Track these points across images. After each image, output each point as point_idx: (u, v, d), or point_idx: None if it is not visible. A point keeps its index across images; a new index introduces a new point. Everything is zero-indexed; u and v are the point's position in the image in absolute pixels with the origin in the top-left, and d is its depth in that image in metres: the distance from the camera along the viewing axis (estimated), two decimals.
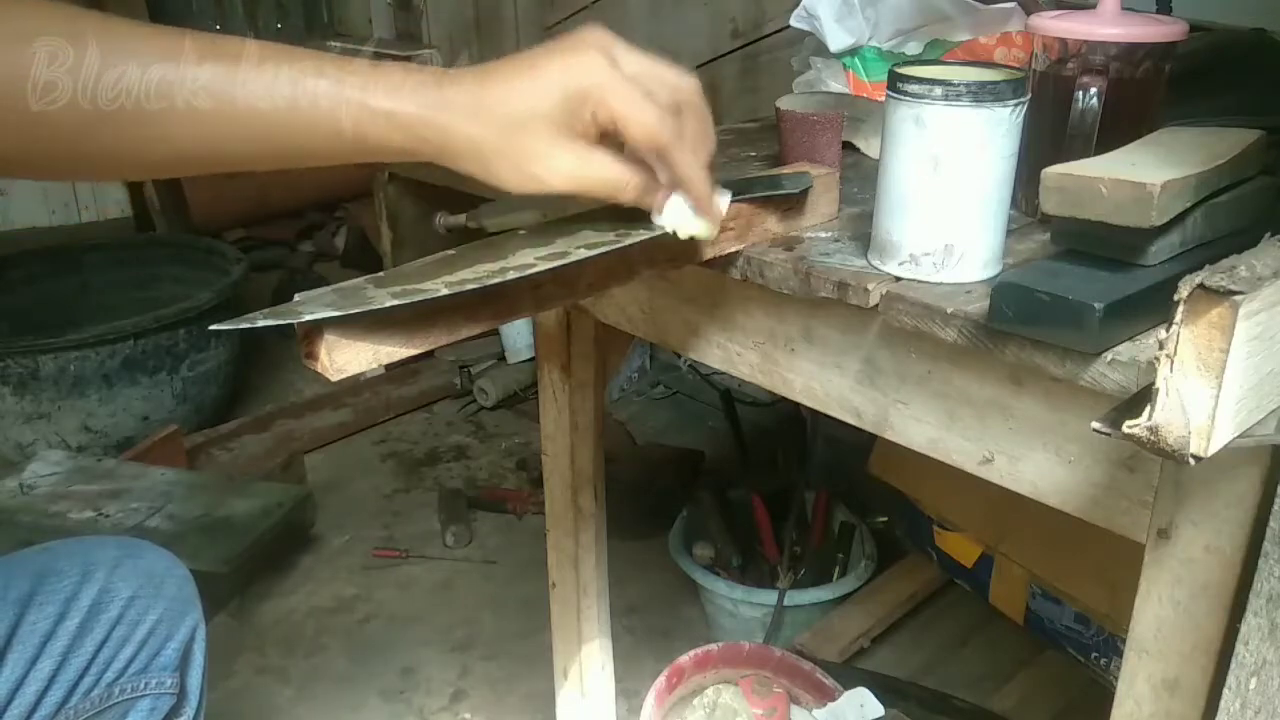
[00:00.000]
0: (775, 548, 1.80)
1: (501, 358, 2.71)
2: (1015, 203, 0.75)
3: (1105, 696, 0.69)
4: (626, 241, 0.65)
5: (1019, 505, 0.71)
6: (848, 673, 1.51)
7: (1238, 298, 0.46)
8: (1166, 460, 0.50)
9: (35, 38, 0.50)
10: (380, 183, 2.61)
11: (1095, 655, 1.38)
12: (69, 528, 1.80)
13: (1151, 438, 0.48)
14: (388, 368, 2.52)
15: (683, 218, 0.64)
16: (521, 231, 0.67)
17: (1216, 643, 0.61)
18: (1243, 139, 0.68)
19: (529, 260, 0.61)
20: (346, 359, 0.57)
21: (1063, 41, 0.77)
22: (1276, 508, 0.55)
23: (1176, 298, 0.47)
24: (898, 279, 0.70)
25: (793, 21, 1.19)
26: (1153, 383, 0.48)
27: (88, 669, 0.89)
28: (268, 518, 1.88)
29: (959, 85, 0.64)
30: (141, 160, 0.56)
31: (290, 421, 2.43)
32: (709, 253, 0.75)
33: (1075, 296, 0.56)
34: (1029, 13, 1.03)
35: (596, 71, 0.57)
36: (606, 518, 1.26)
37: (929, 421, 0.73)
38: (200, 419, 2.40)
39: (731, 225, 0.75)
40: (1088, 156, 0.68)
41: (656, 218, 0.64)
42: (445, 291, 0.57)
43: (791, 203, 0.79)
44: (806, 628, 1.67)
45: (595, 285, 0.71)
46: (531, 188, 0.59)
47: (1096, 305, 0.56)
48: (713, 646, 1.45)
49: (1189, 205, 0.61)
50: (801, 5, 1.16)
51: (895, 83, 0.67)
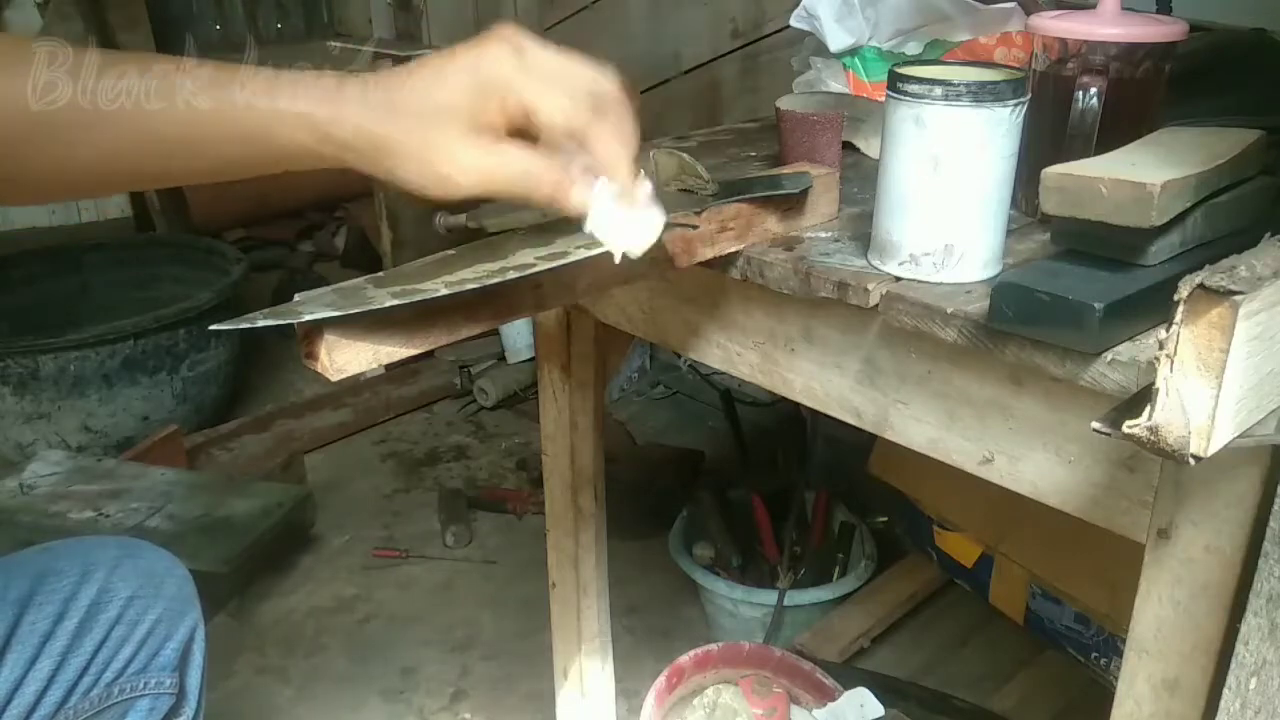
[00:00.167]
0: (775, 548, 1.80)
1: (501, 358, 2.71)
2: (1015, 203, 0.75)
3: (1105, 696, 0.69)
4: None
5: (1019, 505, 0.71)
6: (848, 673, 1.51)
7: (1238, 298, 0.46)
8: (1166, 460, 0.50)
9: None
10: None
11: (1095, 655, 1.38)
12: (69, 528, 1.80)
13: (1151, 438, 0.48)
14: (388, 368, 2.52)
15: (610, 222, 0.59)
16: (521, 231, 0.67)
17: (1216, 643, 0.61)
18: (1243, 139, 0.68)
19: (529, 260, 0.61)
20: (346, 359, 0.57)
21: (1063, 41, 0.77)
22: (1276, 508, 0.55)
23: (1176, 298, 0.47)
24: (898, 279, 0.70)
25: (793, 21, 1.19)
26: (1153, 383, 0.48)
27: (87, 669, 0.90)
28: (268, 518, 1.88)
29: (959, 85, 0.64)
30: (62, 172, 0.55)
31: (290, 421, 2.43)
32: (709, 253, 0.75)
33: (1075, 296, 0.56)
34: (1029, 13, 1.03)
35: (504, 62, 0.55)
36: (606, 518, 1.26)
37: (929, 421, 0.73)
38: (200, 419, 2.40)
39: (731, 225, 0.75)
40: (1088, 156, 0.68)
41: (586, 225, 0.60)
42: (445, 291, 0.57)
43: (791, 203, 0.79)
44: (806, 628, 1.67)
45: (595, 285, 0.71)
46: (440, 191, 0.56)
47: (1096, 305, 0.56)
48: (713, 646, 1.45)
49: (1189, 205, 0.61)
50: (801, 5, 1.17)
51: (895, 83, 0.67)
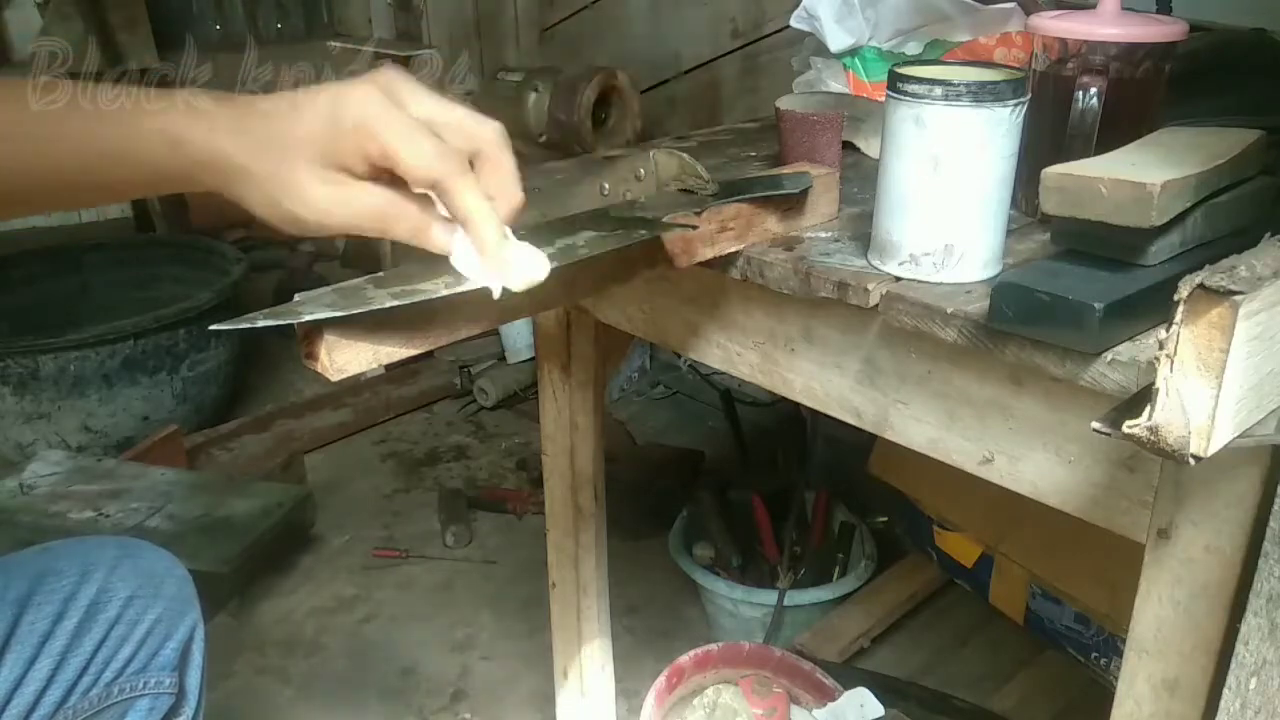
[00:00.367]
0: (775, 548, 1.80)
1: (501, 358, 2.71)
2: (1015, 203, 0.75)
3: (1105, 696, 0.69)
4: (626, 242, 0.65)
5: (1019, 505, 0.71)
6: (848, 673, 1.51)
7: (1238, 298, 0.46)
8: (1166, 460, 0.50)
9: None
10: None
11: (1095, 655, 1.38)
12: (69, 528, 1.80)
13: (1151, 438, 0.48)
14: (388, 368, 2.52)
15: (473, 265, 0.57)
16: (521, 231, 0.67)
17: (1216, 643, 0.61)
18: (1243, 139, 0.68)
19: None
20: (346, 359, 0.57)
21: (1063, 41, 0.77)
22: (1276, 508, 0.55)
23: (1176, 298, 0.47)
24: (898, 279, 0.70)
25: (793, 22, 1.19)
26: (1153, 383, 0.48)
27: (86, 668, 0.89)
28: (268, 518, 1.88)
29: (959, 85, 0.64)
30: None
31: (290, 421, 2.43)
32: (709, 253, 0.75)
33: (1075, 296, 0.56)
34: (1029, 13, 1.03)
35: (369, 103, 0.53)
36: (606, 518, 1.26)
37: (929, 421, 0.73)
38: (200, 419, 2.40)
39: (731, 225, 0.75)
40: (1088, 156, 0.68)
41: (452, 260, 0.57)
42: (445, 291, 0.57)
43: (791, 203, 0.79)
44: (806, 628, 1.67)
45: (595, 285, 0.71)
46: (286, 225, 0.55)
47: (1096, 305, 0.56)
48: (713, 646, 1.45)
49: (1189, 205, 0.61)
50: (801, 5, 1.17)
51: (895, 83, 0.67)
